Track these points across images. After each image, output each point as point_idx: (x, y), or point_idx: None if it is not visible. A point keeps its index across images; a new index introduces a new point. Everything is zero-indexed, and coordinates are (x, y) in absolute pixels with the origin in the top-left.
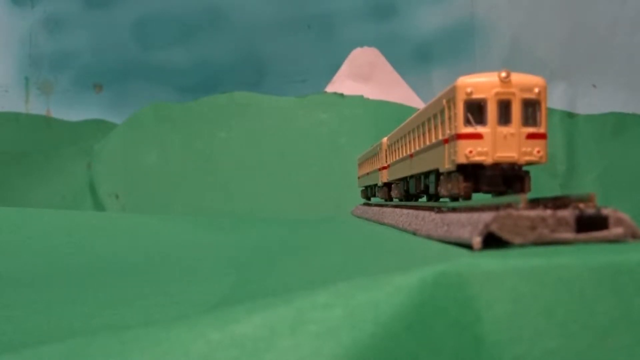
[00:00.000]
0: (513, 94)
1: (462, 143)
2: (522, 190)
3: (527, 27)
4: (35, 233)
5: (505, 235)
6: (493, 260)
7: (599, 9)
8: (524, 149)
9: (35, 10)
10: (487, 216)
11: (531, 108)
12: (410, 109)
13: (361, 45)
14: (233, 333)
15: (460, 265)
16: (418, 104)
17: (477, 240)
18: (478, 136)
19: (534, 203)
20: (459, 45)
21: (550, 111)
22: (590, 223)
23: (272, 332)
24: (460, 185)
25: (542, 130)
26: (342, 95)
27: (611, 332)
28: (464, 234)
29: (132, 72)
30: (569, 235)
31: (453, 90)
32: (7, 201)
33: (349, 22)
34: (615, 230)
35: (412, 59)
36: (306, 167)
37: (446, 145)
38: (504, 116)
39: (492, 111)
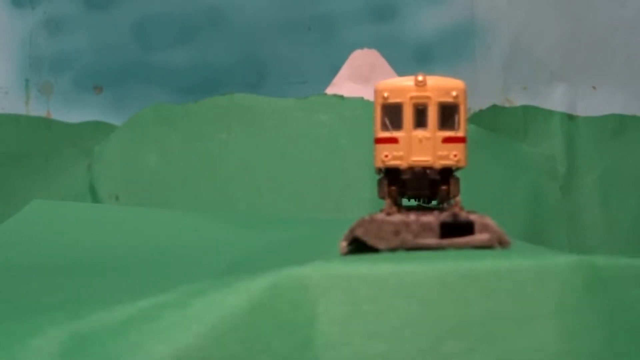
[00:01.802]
0: (429, 97)
1: (379, 147)
2: (447, 194)
3: (527, 28)
4: (62, 226)
5: (369, 240)
6: (344, 264)
7: (599, 10)
8: (439, 153)
9: (36, 11)
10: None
11: (449, 111)
12: None
13: (361, 47)
14: (73, 330)
15: (308, 269)
16: None
17: (342, 245)
18: (394, 140)
19: (411, 208)
20: (459, 46)
21: (550, 113)
22: (456, 229)
23: (103, 329)
24: (384, 189)
25: (460, 134)
26: (342, 97)
27: (446, 338)
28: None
29: (132, 74)
30: (433, 240)
31: (374, 94)
32: (7, 202)
33: (349, 23)
34: (480, 236)
35: (412, 60)
36: (306, 168)
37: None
38: (420, 120)
39: (407, 115)
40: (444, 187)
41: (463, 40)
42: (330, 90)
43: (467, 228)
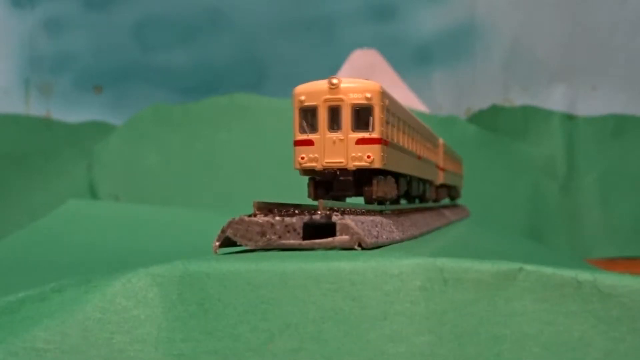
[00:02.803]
0: (342, 100)
1: (297, 150)
2: (370, 194)
3: (527, 28)
4: (93, 224)
5: (239, 240)
6: (200, 263)
7: (599, 10)
8: (353, 154)
9: (36, 11)
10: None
11: (363, 114)
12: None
13: (361, 47)
14: None
15: (162, 268)
16: (418, 105)
17: (215, 245)
18: (309, 143)
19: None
20: (459, 46)
21: (550, 113)
22: (318, 230)
23: None
24: (310, 190)
25: (374, 135)
26: None
27: (278, 337)
28: None
29: (132, 74)
30: (295, 241)
31: (292, 98)
32: (7, 203)
33: (349, 23)
34: (340, 238)
35: (412, 60)
36: None
37: None
38: (334, 122)
39: (322, 118)
40: (367, 188)
41: (463, 40)
42: None
43: (329, 229)
